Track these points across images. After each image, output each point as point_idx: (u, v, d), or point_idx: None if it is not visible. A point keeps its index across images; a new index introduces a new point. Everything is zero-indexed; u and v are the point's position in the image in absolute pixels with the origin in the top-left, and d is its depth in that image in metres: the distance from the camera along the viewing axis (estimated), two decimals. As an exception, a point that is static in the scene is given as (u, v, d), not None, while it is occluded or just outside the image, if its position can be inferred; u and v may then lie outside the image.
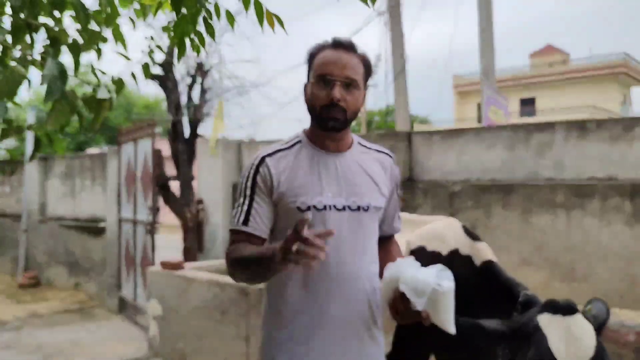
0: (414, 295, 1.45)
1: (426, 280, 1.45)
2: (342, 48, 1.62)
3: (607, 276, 3.83)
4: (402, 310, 1.50)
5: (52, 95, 1.30)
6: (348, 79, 1.59)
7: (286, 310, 1.64)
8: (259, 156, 1.65)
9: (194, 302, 4.46)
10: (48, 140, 2.39)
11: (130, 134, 6.80)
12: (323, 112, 1.60)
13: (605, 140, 4.04)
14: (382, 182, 1.73)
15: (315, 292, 1.61)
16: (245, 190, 1.64)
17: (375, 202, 1.69)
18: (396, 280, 1.48)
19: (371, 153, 1.76)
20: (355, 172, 1.68)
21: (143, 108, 23.02)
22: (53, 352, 5.46)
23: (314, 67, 1.63)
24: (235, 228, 1.62)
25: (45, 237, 9.07)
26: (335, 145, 1.68)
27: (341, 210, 1.62)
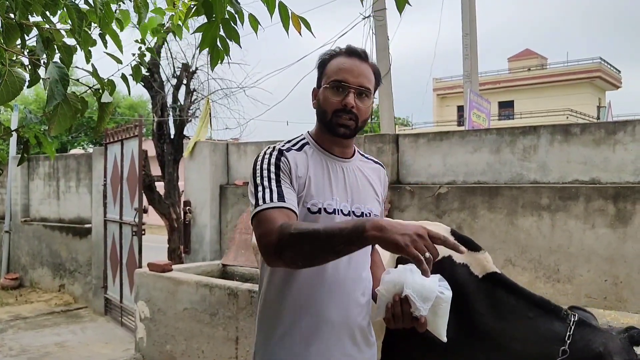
0: (420, 301, 1.48)
1: (431, 288, 1.49)
2: (356, 56, 1.64)
3: (591, 277, 3.90)
4: (399, 314, 1.51)
5: (54, 100, 1.30)
6: (362, 87, 1.61)
7: (286, 314, 1.62)
8: (275, 149, 1.63)
9: (182, 304, 4.45)
10: (37, 143, 2.38)
11: (116, 135, 6.76)
12: (335, 118, 1.61)
13: (588, 144, 4.12)
14: (379, 192, 1.78)
15: (316, 297, 1.60)
16: (268, 174, 1.56)
17: (375, 210, 1.72)
18: (401, 285, 1.50)
19: (369, 163, 1.81)
20: (359, 179, 1.70)
21: (127, 108, 22.84)
22: (38, 355, 5.41)
23: (328, 73, 1.64)
24: (268, 206, 1.48)
25: (29, 239, 8.96)
26: (341, 152, 1.70)
27: (347, 215, 1.63)
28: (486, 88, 26.57)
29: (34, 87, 17.92)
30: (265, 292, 1.68)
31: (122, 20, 2.27)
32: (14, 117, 9.11)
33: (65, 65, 1.77)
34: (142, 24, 2.12)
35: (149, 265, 4.83)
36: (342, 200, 1.63)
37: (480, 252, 2.21)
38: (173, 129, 7.36)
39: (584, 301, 3.83)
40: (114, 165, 6.88)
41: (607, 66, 30.44)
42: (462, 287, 2.09)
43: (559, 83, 29.27)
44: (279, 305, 1.63)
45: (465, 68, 8.87)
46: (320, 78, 1.68)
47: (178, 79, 7.48)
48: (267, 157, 1.60)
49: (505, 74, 31.52)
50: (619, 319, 3.20)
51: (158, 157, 7.33)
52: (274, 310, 1.64)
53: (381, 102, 9.18)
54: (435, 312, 1.51)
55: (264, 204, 1.49)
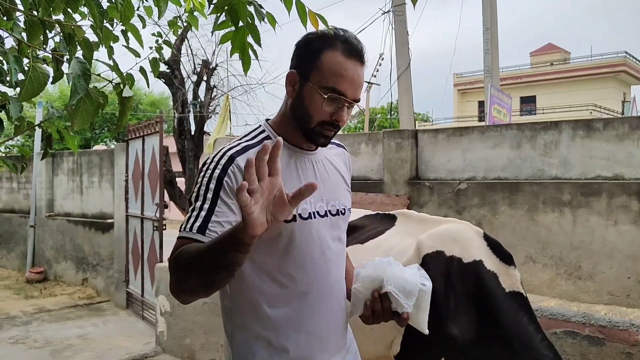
0: (403, 297, 1.36)
1: (413, 281, 1.38)
2: (357, 59, 1.41)
3: (614, 275, 3.84)
4: (379, 311, 1.40)
5: (77, 95, 1.32)
6: (356, 101, 1.42)
7: (270, 331, 1.41)
8: (224, 154, 1.37)
9: (202, 299, 4.50)
10: (60, 137, 2.42)
11: (138, 131, 6.85)
12: (319, 128, 1.41)
13: (611, 139, 4.05)
14: (348, 179, 1.62)
15: (304, 309, 1.42)
16: (205, 193, 1.31)
17: (348, 204, 1.57)
18: (379, 280, 1.39)
19: (333, 148, 1.61)
20: (329, 172, 1.53)
21: (149, 105, 23.09)
22: (61, 347, 5.52)
23: (323, 71, 1.39)
24: (186, 235, 1.28)
25: (53, 233, 9.14)
26: (308, 144, 1.48)
27: (324, 216, 1.46)
28: (507, 83, 26.28)
29: (58, 85, 18.06)
30: (236, 320, 1.45)
31: (144, 17, 2.30)
32: (39, 114, 9.28)
33: (87, 60, 1.80)
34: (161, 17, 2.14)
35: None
36: (317, 201, 1.45)
37: (511, 266, 2.13)
38: (193, 125, 7.44)
39: (606, 299, 3.77)
40: (135, 161, 6.97)
41: (632, 60, 29.80)
42: (488, 295, 2.06)
43: (582, 78, 28.76)
44: (261, 332, 1.41)
45: (486, 63, 8.78)
46: (307, 66, 1.41)
47: (198, 76, 7.55)
48: (212, 167, 1.34)
49: (527, 69, 31.09)
50: (643, 317, 3.14)
51: (179, 153, 7.41)
52: (255, 340, 1.42)
53: (401, 97, 9.14)
54: (417, 306, 1.40)
55: (182, 231, 1.30)
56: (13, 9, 1.88)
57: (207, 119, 7.55)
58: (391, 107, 24.10)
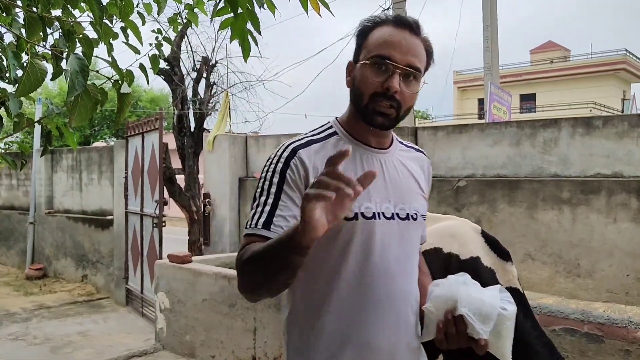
0: (480, 321, 1.22)
1: (492, 304, 1.24)
2: (406, 28, 1.31)
3: (613, 272, 3.84)
4: (453, 336, 1.27)
5: (75, 91, 1.32)
6: (410, 67, 1.29)
7: (323, 343, 1.32)
8: (287, 147, 1.33)
9: (201, 295, 4.50)
10: (59, 134, 2.42)
11: (137, 128, 6.85)
12: (372, 103, 1.30)
13: (611, 137, 4.05)
14: (424, 186, 1.48)
15: (361, 319, 1.31)
16: (269, 187, 1.29)
17: (422, 209, 1.43)
18: (453, 301, 1.26)
19: (410, 152, 1.50)
20: (401, 173, 1.41)
21: (149, 102, 23.08)
22: (61, 343, 5.53)
23: (369, 46, 1.32)
24: (252, 232, 1.25)
25: (53, 230, 9.14)
26: (378, 141, 1.38)
27: (390, 219, 1.34)
28: (508, 81, 26.26)
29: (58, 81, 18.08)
30: (295, 317, 1.38)
31: (144, 15, 2.30)
32: (38, 110, 9.28)
33: (86, 57, 1.80)
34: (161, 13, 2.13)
35: (169, 257, 4.90)
36: (383, 201, 1.34)
37: (508, 263, 2.13)
38: (193, 122, 7.42)
39: (605, 296, 3.78)
40: (135, 158, 6.97)
41: (632, 58, 29.80)
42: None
43: (582, 75, 28.75)
44: (315, 332, 1.33)
45: (485, 60, 8.77)
46: (358, 50, 1.36)
47: (198, 73, 7.53)
48: (273, 162, 1.32)
49: (527, 67, 31.07)
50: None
51: (178, 150, 7.40)
52: (307, 338, 1.34)
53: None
54: (498, 333, 1.24)
55: (248, 228, 1.27)
56: (12, 4, 1.88)
57: (207, 116, 7.54)
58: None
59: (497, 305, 1.24)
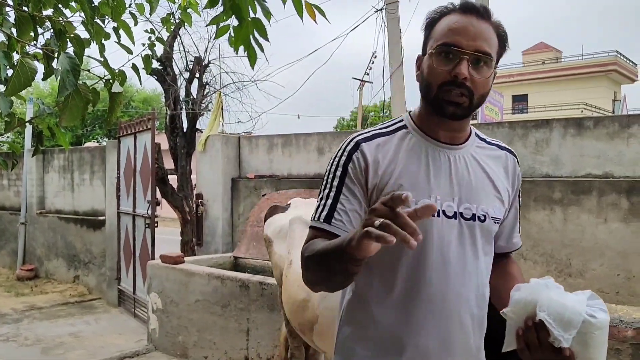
0: (559, 327, 1.12)
1: (575, 309, 1.13)
2: (474, 13, 1.26)
3: (604, 272, 3.87)
4: (535, 344, 1.16)
5: (65, 90, 1.32)
6: (479, 52, 1.23)
7: (374, 333, 1.30)
8: (352, 140, 1.32)
9: (194, 296, 4.49)
10: (50, 134, 2.41)
11: (129, 128, 6.82)
12: (442, 93, 1.25)
13: (602, 137, 4.08)
14: (503, 187, 1.37)
15: (413, 321, 1.27)
16: (332, 181, 1.30)
17: (494, 212, 1.33)
18: (532, 305, 1.16)
19: (492, 149, 1.41)
20: (472, 171, 1.33)
21: (141, 102, 23.01)
22: (52, 345, 5.49)
23: (435, 35, 1.28)
24: (315, 225, 1.28)
25: (45, 230, 9.09)
26: (450, 136, 1.33)
27: (451, 218, 1.28)
28: (500, 82, 26.39)
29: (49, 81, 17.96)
30: (350, 306, 1.37)
31: (136, 14, 2.29)
32: (29, 110, 9.23)
33: (78, 57, 1.79)
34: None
35: (161, 257, 4.89)
36: (446, 199, 1.28)
37: None
38: (186, 122, 7.40)
39: (596, 296, 3.81)
40: (127, 158, 6.95)
41: (623, 59, 30.08)
42: None
43: (574, 76, 28.98)
44: (365, 333, 1.31)
45: (478, 61, 8.79)
46: (425, 43, 1.32)
47: (191, 73, 7.50)
48: (337, 155, 1.32)
49: (519, 68, 31.25)
50: (631, 314, 3.18)
51: (171, 150, 7.38)
52: (358, 339, 1.32)
53: (393, 95, 9.15)
54: (585, 343, 1.13)
55: (312, 221, 1.30)
56: (3, 3, 1.87)
57: (200, 116, 7.51)
58: (384, 105, 24.13)
59: (582, 311, 1.12)
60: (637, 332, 2.98)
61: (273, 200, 5.11)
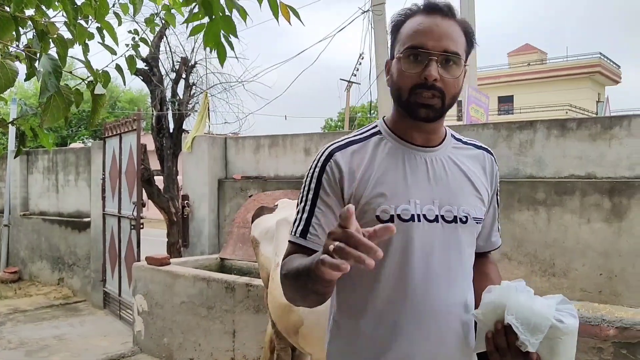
0: (526, 332, 1.11)
1: (543, 313, 1.11)
2: (437, 12, 1.26)
3: (586, 271, 3.92)
4: (503, 348, 1.16)
5: (47, 92, 1.31)
6: (447, 53, 1.22)
7: (361, 346, 1.27)
8: (325, 150, 1.30)
9: (179, 298, 4.47)
10: (33, 135, 2.39)
11: (115, 129, 6.77)
12: (413, 96, 1.24)
13: (584, 139, 4.13)
14: (482, 186, 1.36)
15: (399, 330, 1.24)
16: (307, 193, 1.28)
17: (475, 212, 1.31)
18: (502, 308, 1.15)
19: (468, 149, 1.40)
20: (450, 172, 1.31)
21: (127, 102, 22.85)
22: (37, 347, 5.44)
23: (402, 38, 1.27)
24: (292, 240, 1.27)
25: (28, 232, 8.99)
26: (425, 139, 1.31)
27: (433, 221, 1.25)
28: (486, 83, 26.59)
29: (33, 82, 17.86)
30: (337, 316, 1.34)
31: (120, 15, 2.28)
32: (13, 111, 9.12)
33: (61, 58, 1.78)
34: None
35: (147, 259, 4.86)
36: (426, 202, 1.25)
37: None
38: (172, 123, 7.36)
39: (579, 295, 3.85)
40: (112, 159, 6.90)
41: (606, 61, 30.48)
42: None
43: (558, 78, 29.31)
44: (355, 337, 1.28)
45: (464, 63, 8.86)
46: (393, 46, 1.31)
47: (177, 73, 7.47)
48: (314, 166, 1.30)
49: (505, 69, 31.54)
50: (614, 313, 3.22)
51: (157, 151, 7.34)
52: (348, 342, 1.30)
53: (380, 96, 9.19)
54: (551, 348, 1.12)
55: (290, 235, 1.28)
56: (-16, 4, 1.85)
57: (186, 117, 7.48)
58: (371, 106, 24.20)
59: (550, 315, 1.11)
60: (618, 331, 3.02)
61: (259, 201, 5.10)
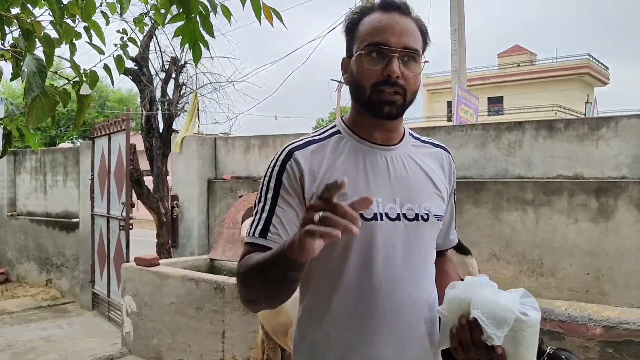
0: (492, 325, 1.12)
1: (508, 307, 1.13)
2: (395, 10, 1.25)
3: (574, 271, 3.95)
4: (468, 342, 1.16)
5: (32, 92, 1.29)
6: (408, 50, 1.22)
7: (327, 348, 1.25)
8: (284, 149, 1.28)
9: (168, 298, 4.45)
10: (20, 135, 2.37)
11: (104, 129, 6.73)
12: (376, 93, 1.23)
13: (572, 139, 4.16)
14: (441, 184, 1.36)
15: (363, 330, 1.23)
16: (266, 193, 1.25)
17: (436, 209, 1.31)
18: (467, 303, 1.16)
19: (426, 147, 1.40)
20: (411, 170, 1.31)
21: (116, 102, 22.72)
22: (23, 349, 5.39)
23: (361, 36, 1.26)
24: (250, 241, 1.23)
25: (16, 233, 8.91)
26: (385, 137, 1.31)
27: (395, 220, 1.25)
28: (475, 84, 26.74)
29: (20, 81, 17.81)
30: (301, 321, 1.33)
31: (107, 14, 2.26)
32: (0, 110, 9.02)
33: (47, 57, 1.76)
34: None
35: (136, 260, 4.83)
36: (387, 201, 1.25)
37: (467, 256, 2.16)
38: (162, 123, 7.33)
39: (566, 294, 3.88)
40: (101, 160, 6.85)
41: (595, 63, 30.74)
42: None
43: (547, 79, 29.53)
44: (319, 339, 1.27)
45: (453, 64, 8.91)
46: (350, 44, 1.30)
47: (167, 73, 7.43)
48: (273, 166, 1.27)
49: (495, 70, 31.72)
50: (601, 312, 3.25)
51: (146, 151, 7.30)
52: (312, 344, 1.28)
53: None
54: (516, 341, 1.14)
55: (247, 236, 1.24)
56: (-32, 3, 1.83)
57: (176, 117, 7.44)
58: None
59: (515, 309, 1.13)
60: (605, 330, 3.05)
61: (249, 202, 5.10)
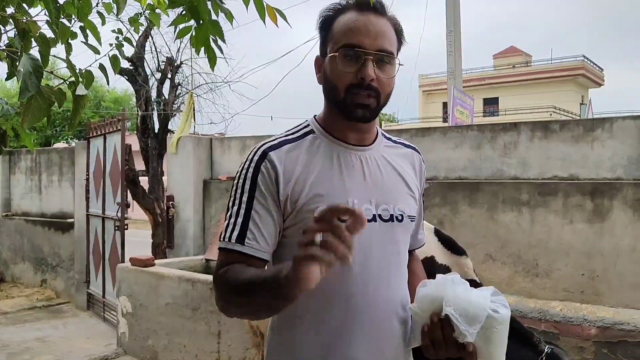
0: (465, 322, 1.13)
1: (480, 304, 1.14)
2: (370, 10, 1.23)
3: (569, 272, 3.96)
4: (439, 340, 1.16)
5: (27, 92, 1.29)
6: (382, 52, 1.21)
7: (301, 350, 1.23)
8: (258, 149, 1.24)
9: (164, 299, 4.44)
10: (15, 135, 2.36)
11: (99, 129, 6.72)
12: (349, 96, 1.21)
13: (567, 140, 4.18)
14: (414, 184, 1.36)
15: (340, 333, 1.21)
16: (241, 196, 1.21)
17: (410, 210, 1.31)
18: (439, 301, 1.17)
19: (398, 148, 1.40)
20: (385, 171, 1.30)
21: (112, 102, 22.67)
22: (19, 350, 5.37)
23: (335, 36, 1.24)
24: (226, 246, 1.19)
25: (11, 233, 8.87)
26: (359, 138, 1.30)
27: (370, 221, 1.23)
28: (471, 85, 26.80)
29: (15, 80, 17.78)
30: (276, 324, 1.30)
31: (103, 14, 2.26)
32: (-5, 110, 8.98)
33: (43, 57, 1.76)
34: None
35: (131, 260, 4.82)
36: (363, 202, 1.23)
37: (462, 256, 2.16)
38: (157, 123, 7.32)
39: (561, 295, 3.89)
40: (96, 160, 6.84)
41: (590, 64, 30.88)
42: None
43: (543, 80, 29.65)
44: (293, 342, 1.24)
45: (449, 65, 8.92)
46: (324, 43, 1.28)
47: (162, 73, 7.43)
48: (246, 167, 1.23)
49: (490, 71, 31.81)
50: (595, 313, 3.27)
51: (142, 152, 7.29)
52: (286, 347, 1.26)
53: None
54: (487, 338, 1.14)
55: (222, 241, 1.20)
56: (-36, 2, 1.83)
57: (172, 117, 7.44)
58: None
59: (487, 306, 1.14)
60: (600, 331, 3.07)
61: (245, 202, 5.09)
